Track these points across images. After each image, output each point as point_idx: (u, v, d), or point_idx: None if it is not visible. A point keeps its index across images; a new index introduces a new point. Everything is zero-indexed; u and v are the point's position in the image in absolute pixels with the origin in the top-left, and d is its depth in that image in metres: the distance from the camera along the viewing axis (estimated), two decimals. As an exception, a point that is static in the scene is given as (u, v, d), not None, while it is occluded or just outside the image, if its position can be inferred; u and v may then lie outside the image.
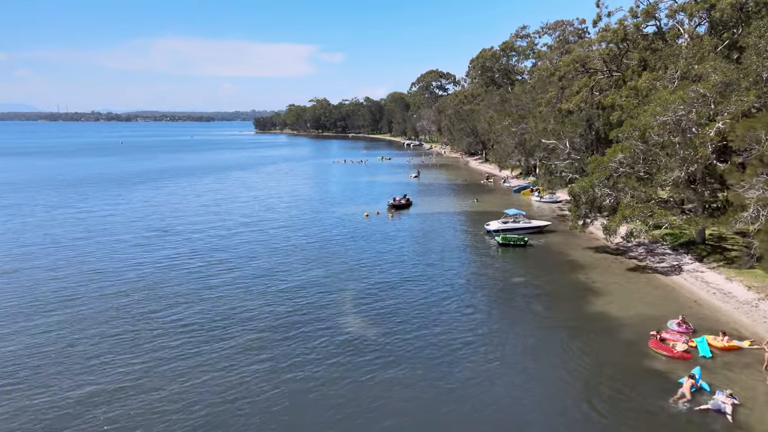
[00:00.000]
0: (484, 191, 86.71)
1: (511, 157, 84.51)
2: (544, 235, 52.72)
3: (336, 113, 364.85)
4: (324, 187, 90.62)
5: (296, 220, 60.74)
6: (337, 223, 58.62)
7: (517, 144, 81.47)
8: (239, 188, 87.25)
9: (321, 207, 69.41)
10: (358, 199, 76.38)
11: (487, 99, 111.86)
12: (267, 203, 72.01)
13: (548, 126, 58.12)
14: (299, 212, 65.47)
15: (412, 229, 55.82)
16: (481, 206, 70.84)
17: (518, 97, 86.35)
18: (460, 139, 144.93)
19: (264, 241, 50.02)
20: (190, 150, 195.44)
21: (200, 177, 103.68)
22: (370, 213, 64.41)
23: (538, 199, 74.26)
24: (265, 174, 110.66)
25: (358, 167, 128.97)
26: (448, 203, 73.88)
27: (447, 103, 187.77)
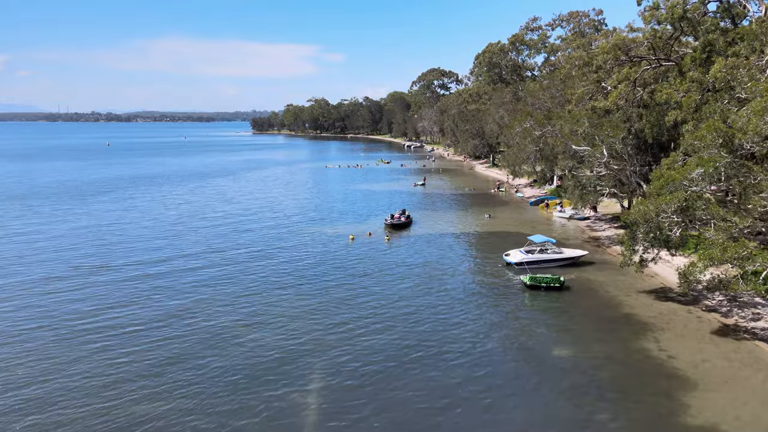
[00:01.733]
0: (495, 203, 75.11)
1: (526, 163, 72.78)
2: (579, 268, 41.12)
3: (335, 113, 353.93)
4: (311, 198, 78.99)
5: (267, 244, 49.19)
6: (317, 251, 47.09)
7: (537, 149, 69.81)
8: (214, 200, 75.71)
9: (302, 226, 57.82)
10: (348, 215, 64.80)
11: (497, 97, 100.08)
12: (238, 221, 60.45)
13: (581, 128, 46.47)
14: (274, 233, 53.91)
15: (411, 260, 44.25)
16: (495, 223, 59.21)
17: (534, 94, 74.73)
18: (465, 142, 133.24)
19: (210, 282, 38.45)
20: (177, 153, 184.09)
21: (175, 186, 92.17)
22: (361, 234, 52.98)
23: (562, 215, 62.66)
24: (248, 182, 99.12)
25: (354, 173, 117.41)
26: (455, 219, 62.27)
27: (450, 102, 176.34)
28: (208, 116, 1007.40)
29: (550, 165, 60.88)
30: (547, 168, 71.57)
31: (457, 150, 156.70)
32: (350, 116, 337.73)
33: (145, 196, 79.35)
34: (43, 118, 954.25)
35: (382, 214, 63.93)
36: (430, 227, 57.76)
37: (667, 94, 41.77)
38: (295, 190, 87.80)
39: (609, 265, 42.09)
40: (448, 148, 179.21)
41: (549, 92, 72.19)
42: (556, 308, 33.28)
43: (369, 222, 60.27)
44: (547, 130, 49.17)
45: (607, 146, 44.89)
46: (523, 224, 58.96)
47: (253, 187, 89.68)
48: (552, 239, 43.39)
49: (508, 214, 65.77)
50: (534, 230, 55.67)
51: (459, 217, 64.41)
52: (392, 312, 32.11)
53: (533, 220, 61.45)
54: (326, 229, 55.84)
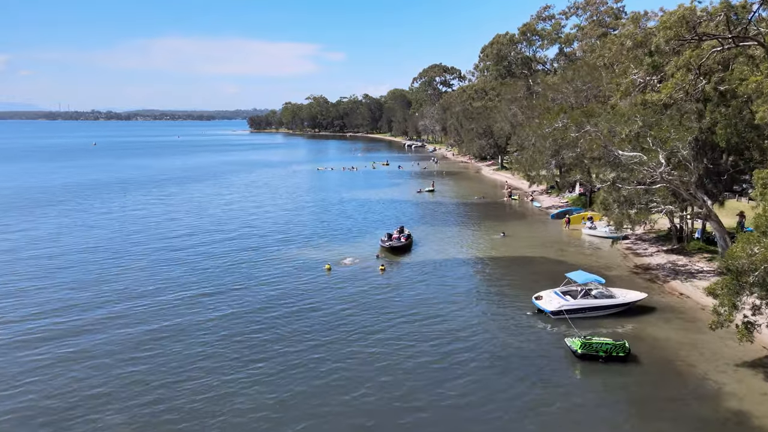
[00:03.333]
0: (508, 215, 64.17)
1: (544, 168, 61.90)
2: (637, 317, 30.27)
3: (333, 112, 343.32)
4: (295, 210, 68.01)
5: (220, 278, 38.30)
6: (283, 288, 36.20)
7: (557, 153, 58.98)
8: (179, 212, 64.82)
9: (272, 249, 46.84)
10: (336, 233, 53.91)
11: (508, 92, 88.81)
12: (196, 242, 49.54)
13: (631, 128, 35.41)
14: (233, 261, 42.99)
15: (407, 302, 33.35)
16: (511, 244, 48.28)
17: (555, 87, 63.67)
18: (470, 142, 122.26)
19: (129, 333, 27.61)
20: (164, 153, 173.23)
21: (143, 193, 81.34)
22: (341, 262, 42.06)
23: (593, 233, 51.77)
24: (228, 188, 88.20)
25: (348, 176, 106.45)
26: (463, 238, 51.31)
27: (453, 99, 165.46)
28: (209, 115, 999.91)
29: (581, 171, 49.81)
30: (585, 176, 60.45)
31: (461, 150, 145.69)
32: (349, 114, 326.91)
33: (102, 206, 68.42)
34: (43, 116, 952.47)
35: (376, 232, 53.03)
36: (433, 249, 46.85)
37: (756, 83, 30.76)
38: (280, 198, 76.84)
39: (677, 313, 31.18)
40: (451, 148, 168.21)
41: (573, 85, 61.23)
42: (623, 391, 22.43)
43: (360, 242, 49.37)
44: (585, 132, 38.02)
45: (668, 152, 33.87)
46: (547, 245, 48.06)
47: (232, 195, 78.72)
48: (599, 278, 32.32)
49: (525, 230, 54.81)
50: (561, 253, 44.83)
51: (467, 234, 53.46)
52: (381, 407, 21.24)
53: (557, 240, 50.53)
54: (303, 254, 44.87)
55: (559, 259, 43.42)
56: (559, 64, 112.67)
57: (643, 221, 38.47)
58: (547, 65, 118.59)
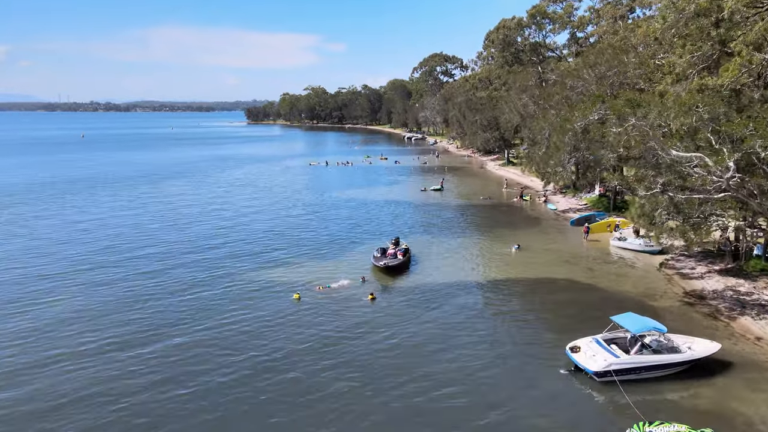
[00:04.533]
0: (520, 220, 56.06)
1: (563, 166, 53.69)
2: (713, 383, 22.25)
3: (332, 103, 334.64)
4: (272, 215, 59.84)
5: (160, 314, 30.28)
6: (228, 330, 28.15)
7: (574, 147, 50.94)
8: (143, 218, 56.73)
9: (233, 267, 38.50)
10: (314, 245, 45.79)
11: (519, 80, 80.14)
12: (151, 251, 41.50)
13: (688, 121, 27.20)
14: (176, 283, 34.94)
15: (400, 358, 25.32)
16: (527, 260, 40.19)
17: (575, 73, 55.24)
18: (474, 134, 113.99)
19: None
20: (151, 147, 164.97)
21: (111, 193, 73.33)
22: (317, 287, 33.94)
23: (622, 245, 43.68)
24: (209, 186, 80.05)
25: (342, 172, 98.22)
26: (471, 253, 43.14)
27: (455, 89, 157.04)
28: (208, 106, 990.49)
29: (610, 171, 41.68)
30: (609, 174, 52.45)
31: (463, 143, 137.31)
32: (348, 106, 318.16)
33: (52, 210, 60.26)
34: (41, 108, 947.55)
35: (367, 242, 44.99)
36: (435, 267, 38.77)
37: None
38: (262, 200, 68.62)
39: (764, 371, 23.15)
40: (452, 141, 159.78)
41: (596, 71, 52.82)
42: None
43: (347, 258, 41.29)
44: (631, 126, 29.71)
45: (743, 152, 25.65)
46: (570, 262, 39.98)
47: (210, 197, 70.48)
48: (660, 325, 24.10)
49: (542, 241, 46.67)
50: (590, 274, 36.77)
51: (475, 246, 45.33)
52: None
53: (582, 255, 42.42)
54: (274, 274, 36.72)
55: (588, 282, 35.32)
56: (570, 51, 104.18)
57: (703, 239, 30.25)
58: (557, 52, 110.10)
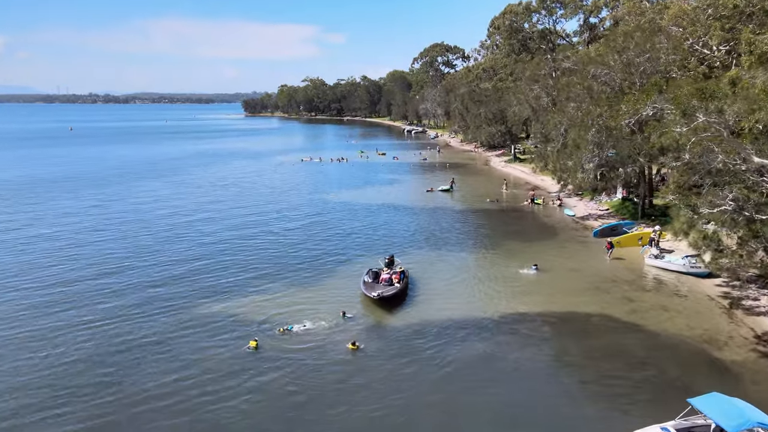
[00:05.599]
0: (534, 230, 48.89)
1: (584, 167, 46.44)
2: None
3: (330, 94, 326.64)
4: (249, 225, 52.58)
5: (64, 361, 23.18)
6: (155, 399, 21.04)
7: (597, 145, 43.92)
8: (102, 226, 49.61)
9: (186, 299, 31.23)
10: (291, 265, 38.57)
11: (529, 70, 72.37)
12: (92, 271, 34.33)
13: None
14: (107, 318, 27.81)
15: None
16: (550, 286, 33.06)
17: (598, 59, 47.58)
18: (478, 128, 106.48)
19: None
20: (140, 140, 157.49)
21: (74, 195, 66.27)
22: (282, 329, 26.62)
23: (661, 263, 36.49)
24: (187, 187, 72.86)
25: (336, 170, 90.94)
26: (480, 276, 35.86)
27: (457, 80, 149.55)
28: (208, 98, 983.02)
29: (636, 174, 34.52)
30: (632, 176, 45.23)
31: (466, 137, 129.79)
32: (347, 97, 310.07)
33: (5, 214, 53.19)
34: (40, 100, 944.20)
35: (357, 261, 37.85)
36: (437, 297, 31.64)
37: None
38: (243, 204, 61.29)
39: None
40: (454, 135, 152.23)
41: (624, 57, 45.33)
42: None
43: (329, 283, 34.12)
44: (699, 123, 22.42)
45: None
46: (602, 289, 32.84)
47: (184, 200, 63.08)
48: (764, 417, 16.89)
49: (563, 258, 39.42)
50: (629, 306, 29.65)
51: (484, 266, 38.12)
52: None
53: (613, 277, 35.24)
54: (233, 308, 29.49)
55: (630, 320, 28.17)
56: (582, 38, 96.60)
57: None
58: (567, 40, 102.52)
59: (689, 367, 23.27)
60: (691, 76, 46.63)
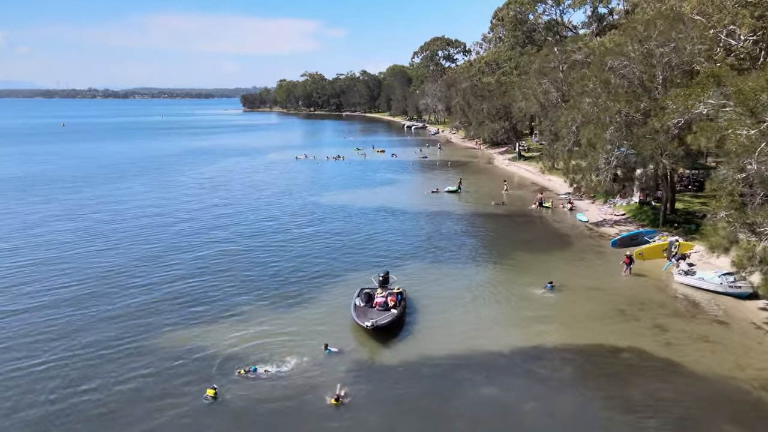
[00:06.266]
0: (545, 237, 44.39)
1: (600, 169, 41.98)
2: None
3: (329, 89, 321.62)
4: (233, 231, 48.14)
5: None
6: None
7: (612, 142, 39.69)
8: (66, 234, 45.17)
9: (138, 332, 26.95)
10: (272, 284, 34.14)
11: (537, 62, 67.55)
12: (38, 289, 29.88)
13: None
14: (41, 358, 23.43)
15: None
16: (568, 310, 28.62)
17: (617, 50, 42.91)
18: (480, 124, 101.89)
19: None
20: (131, 137, 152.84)
21: (47, 196, 61.84)
22: (243, 372, 21.94)
23: (693, 281, 32.01)
24: (168, 190, 68.40)
25: (331, 168, 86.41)
26: (487, 298, 31.20)
27: (458, 74, 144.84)
28: (207, 93, 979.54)
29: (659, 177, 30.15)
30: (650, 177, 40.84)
31: (468, 133, 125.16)
32: (346, 92, 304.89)
33: None
34: (40, 94, 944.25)
35: (344, 279, 33.39)
36: (438, 324, 27.19)
37: None
38: (228, 208, 56.84)
39: None
40: (455, 131, 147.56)
41: (645, 47, 40.68)
42: None
43: (313, 306, 29.66)
44: None
45: None
46: (627, 313, 28.41)
47: (163, 205, 58.40)
48: None
49: (580, 273, 34.96)
50: (661, 336, 25.37)
51: (491, 283, 33.54)
52: None
53: (637, 297, 30.75)
54: (198, 341, 25.05)
55: (667, 357, 23.72)
56: (591, 30, 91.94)
57: None
58: (574, 32, 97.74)
59: (747, 424, 18.85)
60: (718, 68, 42.28)
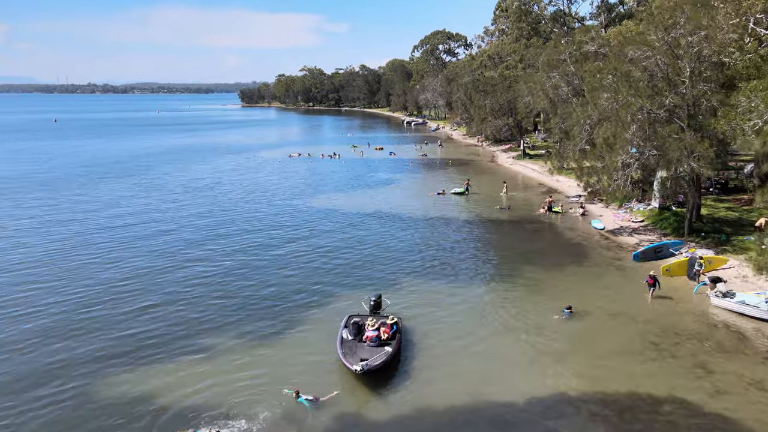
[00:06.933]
0: (557, 248, 39.88)
1: (620, 174, 37.49)
2: None
3: (328, 84, 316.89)
4: (209, 248, 43.73)
5: None
6: None
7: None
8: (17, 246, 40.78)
9: (64, 382, 22.68)
10: (239, 311, 29.75)
11: (547, 55, 62.77)
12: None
13: None
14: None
15: None
16: (590, 340, 24.18)
17: (639, 39, 38.29)
18: (483, 120, 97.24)
19: None
20: (122, 133, 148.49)
21: (14, 202, 57.42)
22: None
23: (734, 305, 27.54)
24: (154, 190, 64.12)
25: (326, 168, 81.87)
26: (495, 326, 26.72)
27: (460, 69, 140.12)
28: (207, 87, 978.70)
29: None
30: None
31: (470, 130, 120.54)
32: (345, 87, 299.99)
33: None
34: (39, 90, 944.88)
35: (329, 302, 28.95)
36: (438, 365, 22.76)
37: None
38: (208, 218, 52.33)
39: None
40: (456, 127, 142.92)
41: (670, 36, 36.10)
42: None
43: (289, 342, 25.24)
44: None
45: None
46: (661, 348, 24.00)
47: (139, 210, 54.16)
48: None
49: (599, 293, 30.47)
50: (713, 384, 20.78)
51: (500, 307, 29.00)
52: None
53: (671, 327, 26.30)
54: (138, 389, 20.69)
55: (718, 412, 19.28)
56: (600, 22, 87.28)
57: None
58: (580, 24, 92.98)
59: None
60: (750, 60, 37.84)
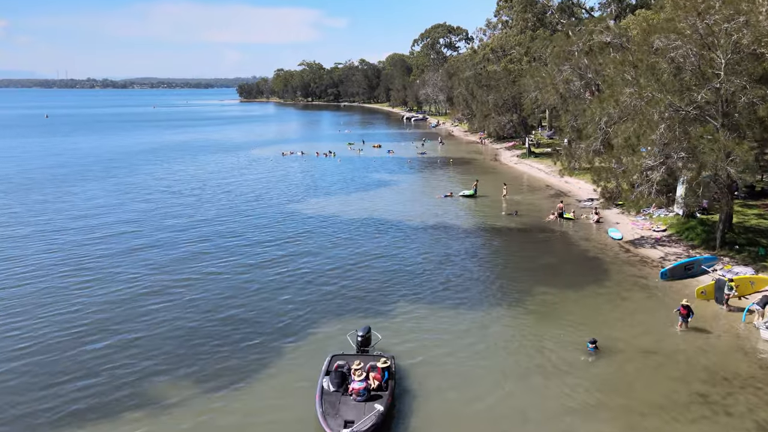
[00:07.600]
0: (572, 263, 35.42)
1: (644, 179, 33.16)
2: None
3: (327, 79, 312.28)
4: (177, 267, 39.32)
5: None
6: None
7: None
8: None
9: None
10: (202, 354, 25.37)
11: (558, 46, 58.08)
12: None
13: None
14: None
15: None
16: (623, 394, 19.78)
17: (668, 26, 33.83)
18: (485, 116, 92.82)
19: None
20: (116, 129, 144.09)
21: None
22: None
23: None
24: (132, 192, 59.64)
25: (322, 167, 77.41)
26: (501, 365, 22.37)
27: (461, 63, 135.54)
28: (207, 83, 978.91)
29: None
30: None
31: (471, 127, 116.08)
32: (344, 82, 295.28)
33: None
34: (38, 84, 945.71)
35: (309, 340, 24.61)
36: (440, 424, 18.42)
37: None
38: (184, 223, 48.05)
39: None
40: (457, 123, 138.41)
41: (706, 21, 31.63)
42: None
43: (255, 393, 20.87)
44: None
45: None
46: (711, 399, 19.62)
47: (115, 216, 49.92)
48: None
49: (626, 322, 26.09)
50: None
51: (511, 343, 24.63)
52: None
53: (714, 366, 21.96)
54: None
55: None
56: (609, 12, 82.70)
57: None
58: (589, 14, 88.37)
59: None
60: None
